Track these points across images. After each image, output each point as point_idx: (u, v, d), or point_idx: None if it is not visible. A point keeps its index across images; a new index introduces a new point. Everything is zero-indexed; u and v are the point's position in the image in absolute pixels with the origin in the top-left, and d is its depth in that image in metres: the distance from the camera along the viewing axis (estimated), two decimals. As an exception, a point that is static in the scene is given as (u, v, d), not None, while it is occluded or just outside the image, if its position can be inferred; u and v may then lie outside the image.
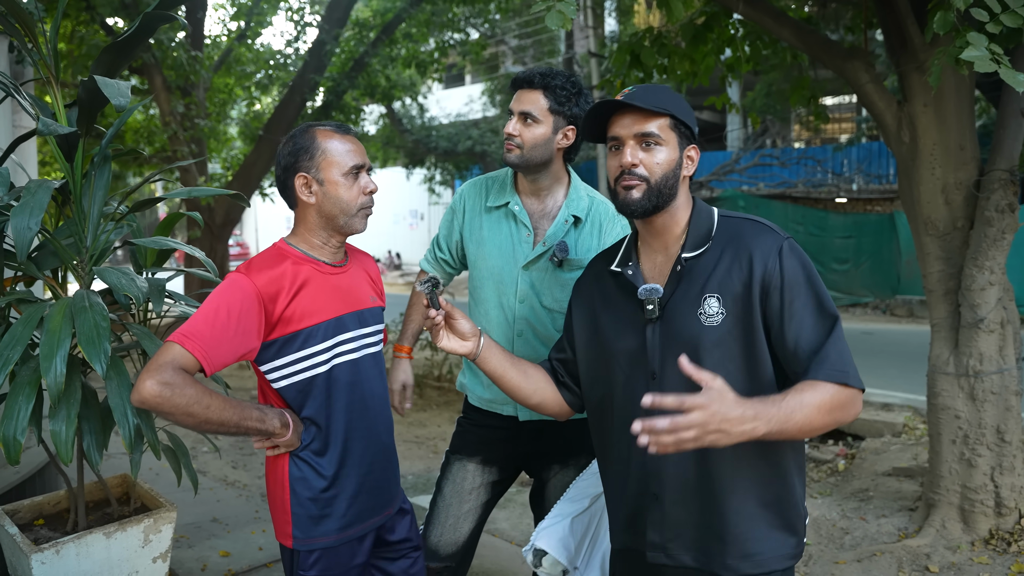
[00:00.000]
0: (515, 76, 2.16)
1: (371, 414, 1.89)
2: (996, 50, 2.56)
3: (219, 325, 1.61)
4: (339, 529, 1.82)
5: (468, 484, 2.30)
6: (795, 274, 1.52)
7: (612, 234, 2.23)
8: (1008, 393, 3.58)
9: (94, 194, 2.12)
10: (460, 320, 1.70)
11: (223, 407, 1.60)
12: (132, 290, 1.91)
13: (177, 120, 9.49)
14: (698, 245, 1.59)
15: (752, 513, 1.55)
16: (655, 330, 1.59)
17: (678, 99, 1.60)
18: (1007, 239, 3.48)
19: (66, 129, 1.78)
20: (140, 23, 1.85)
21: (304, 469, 1.79)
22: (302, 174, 1.77)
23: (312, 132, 1.80)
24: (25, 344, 1.86)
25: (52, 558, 2.14)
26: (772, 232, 1.56)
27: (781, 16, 3.89)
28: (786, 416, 1.37)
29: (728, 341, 1.53)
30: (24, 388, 1.90)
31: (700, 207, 1.64)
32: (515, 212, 2.22)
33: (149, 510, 2.52)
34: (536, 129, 2.10)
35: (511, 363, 1.76)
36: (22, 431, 1.86)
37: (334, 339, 1.80)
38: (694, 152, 1.62)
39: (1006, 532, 3.56)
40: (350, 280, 1.89)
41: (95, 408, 2.13)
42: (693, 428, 1.28)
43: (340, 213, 1.78)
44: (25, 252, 1.70)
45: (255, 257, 1.78)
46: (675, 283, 1.59)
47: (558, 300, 2.21)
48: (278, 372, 1.76)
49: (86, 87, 1.80)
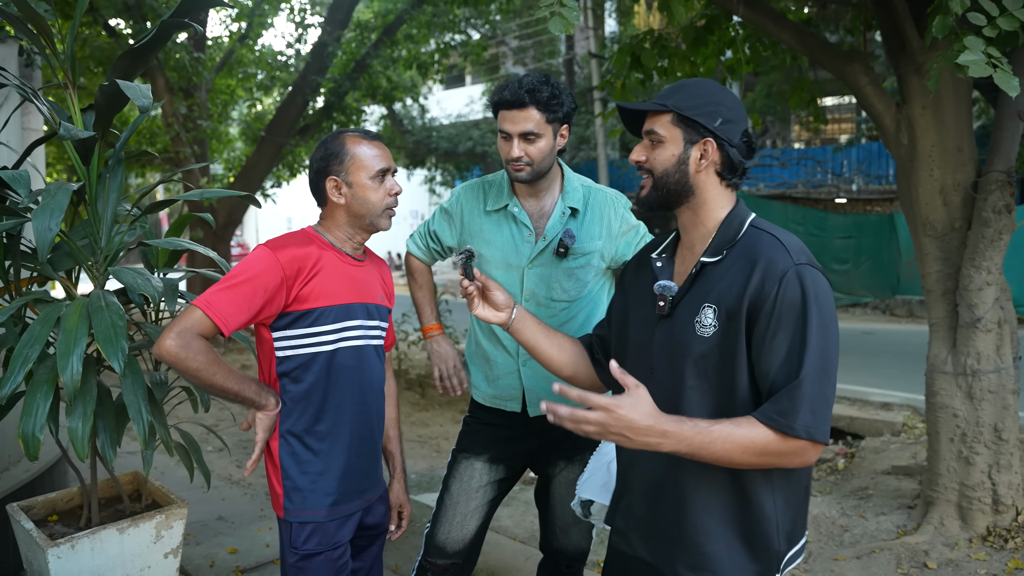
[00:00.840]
0: (498, 97, 2.15)
1: (366, 400, 1.98)
2: (993, 53, 2.60)
3: (240, 292, 1.74)
4: (329, 506, 1.92)
5: (475, 482, 2.34)
6: (790, 305, 1.43)
7: (618, 215, 2.29)
8: (1005, 392, 3.62)
9: (108, 196, 2.16)
10: (495, 291, 1.78)
11: (228, 376, 1.76)
12: (148, 289, 1.95)
13: (179, 121, 9.54)
14: (718, 251, 1.56)
15: (711, 528, 1.53)
16: (662, 328, 1.60)
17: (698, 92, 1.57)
18: (1004, 240, 3.53)
19: (86, 133, 1.83)
20: (157, 30, 1.89)
21: (294, 443, 1.90)
22: (332, 177, 1.90)
23: (342, 138, 1.92)
24: (43, 343, 1.90)
25: (67, 552, 2.18)
26: (786, 254, 1.47)
27: (781, 19, 3.94)
28: (701, 444, 1.37)
29: (714, 355, 1.50)
30: (42, 386, 1.94)
31: (736, 213, 1.59)
32: (515, 214, 2.27)
33: (160, 507, 2.56)
34: (540, 143, 2.14)
35: (545, 335, 1.82)
36: (40, 428, 1.91)
37: (343, 323, 1.91)
38: (709, 146, 1.55)
39: (1003, 529, 3.60)
40: (365, 274, 2.00)
41: (109, 406, 2.18)
42: (591, 424, 1.34)
43: (367, 213, 1.92)
44: (46, 252, 1.75)
45: (284, 235, 1.91)
46: (689, 285, 1.58)
47: (567, 289, 2.26)
48: (286, 341, 1.87)
49: (104, 91, 1.85)
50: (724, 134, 1.55)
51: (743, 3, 3.85)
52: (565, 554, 2.46)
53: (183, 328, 1.68)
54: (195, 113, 9.79)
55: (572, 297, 2.28)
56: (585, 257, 2.26)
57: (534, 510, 3.98)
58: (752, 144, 1.61)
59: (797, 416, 1.38)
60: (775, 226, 1.57)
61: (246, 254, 1.94)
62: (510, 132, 2.12)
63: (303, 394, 1.89)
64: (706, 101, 1.56)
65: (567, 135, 2.21)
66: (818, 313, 1.43)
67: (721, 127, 1.55)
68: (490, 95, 2.22)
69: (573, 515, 2.39)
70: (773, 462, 1.43)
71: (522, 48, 18.61)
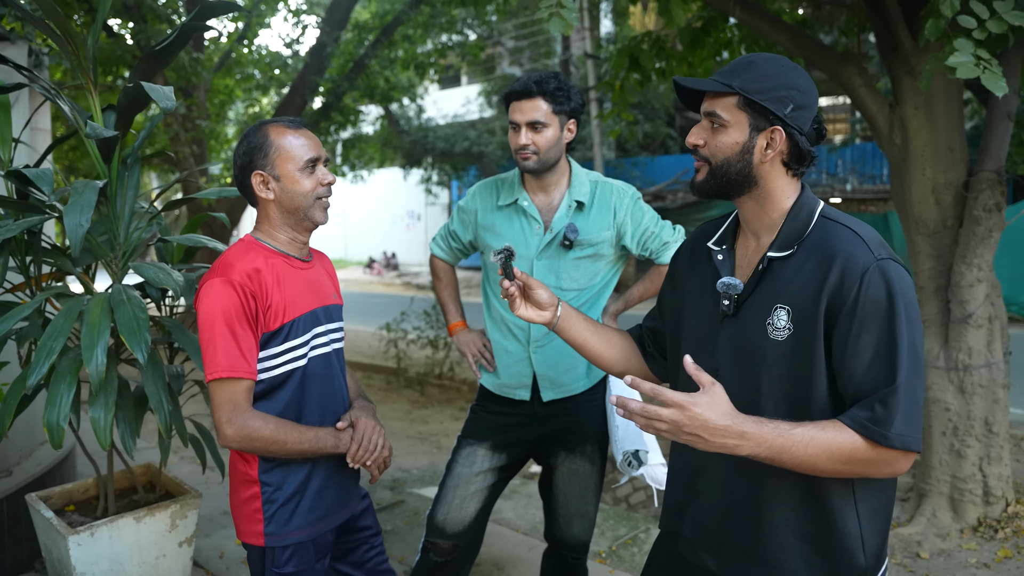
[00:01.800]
0: (508, 89, 2.26)
1: (339, 408, 1.94)
2: (983, 55, 2.68)
3: (235, 336, 1.70)
4: (312, 522, 1.85)
5: (477, 466, 2.41)
6: (875, 304, 1.32)
7: (624, 206, 2.36)
8: (996, 386, 3.71)
9: (127, 193, 2.23)
10: (538, 289, 1.68)
11: (299, 439, 1.76)
12: (170, 283, 2.02)
13: (179, 121, 9.57)
14: (787, 245, 1.43)
15: (787, 542, 1.42)
16: (726, 328, 1.49)
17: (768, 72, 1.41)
18: (994, 237, 3.61)
19: (111, 133, 1.90)
20: (178, 33, 1.96)
21: (276, 465, 1.82)
22: (258, 172, 1.80)
23: (264, 130, 1.82)
24: (66, 336, 1.97)
25: (87, 540, 2.25)
26: (866, 248, 1.36)
27: (776, 21, 4.01)
28: (783, 448, 1.27)
29: (790, 359, 1.39)
30: (65, 377, 2.01)
31: (804, 201, 1.46)
32: (524, 207, 2.36)
33: (173, 497, 2.62)
34: (546, 132, 2.24)
35: (592, 331, 1.73)
36: (64, 417, 1.97)
37: (312, 332, 1.85)
38: (777, 135, 1.40)
39: (993, 520, 3.69)
40: (315, 275, 1.93)
41: (128, 397, 2.24)
42: (664, 422, 1.25)
43: (299, 206, 1.82)
44: (79, 248, 1.81)
45: (225, 255, 1.81)
46: (755, 282, 1.46)
47: (575, 279, 2.34)
48: (261, 363, 1.78)
49: (128, 92, 1.92)
50: (795, 122, 1.41)
51: (739, 5, 3.92)
52: (567, 544, 2.52)
53: (225, 413, 1.69)
54: (194, 113, 9.82)
55: (582, 286, 2.36)
56: (593, 248, 2.34)
57: (536, 503, 4.05)
58: (823, 130, 1.47)
59: (891, 424, 1.28)
60: (848, 216, 1.44)
61: None
62: (518, 121, 2.23)
63: (279, 412, 1.81)
64: (777, 84, 1.40)
65: (575, 130, 2.30)
66: (905, 311, 1.33)
67: (792, 114, 1.40)
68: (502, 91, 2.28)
69: (575, 507, 2.46)
70: (860, 471, 1.33)
71: (518, 49, 18.68)
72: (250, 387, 1.73)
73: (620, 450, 2.25)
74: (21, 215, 2.16)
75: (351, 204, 25.40)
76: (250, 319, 1.72)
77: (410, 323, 8.73)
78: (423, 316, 8.55)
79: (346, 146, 13.56)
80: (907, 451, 1.30)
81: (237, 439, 1.70)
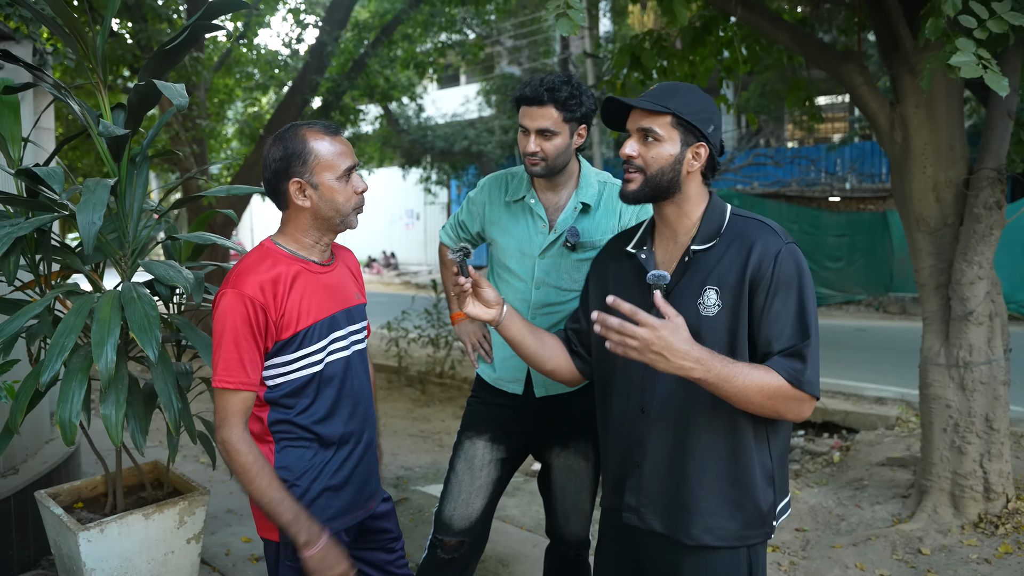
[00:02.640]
0: (519, 93, 2.24)
1: (358, 410, 1.93)
2: (984, 55, 2.70)
3: (238, 348, 1.70)
4: (326, 520, 1.84)
5: (479, 460, 2.42)
6: (786, 278, 1.62)
7: (630, 210, 2.37)
8: (996, 383, 3.73)
9: (135, 191, 2.24)
10: (486, 289, 1.85)
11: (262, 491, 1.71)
12: (180, 280, 2.03)
13: (179, 121, 9.58)
14: (708, 239, 1.70)
15: (720, 491, 1.68)
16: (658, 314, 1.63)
17: (693, 98, 1.70)
18: (995, 235, 3.63)
19: (123, 131, 1.91)
20: (188, 32, 1.97)
21: (291, 461, 1.82)
22: (296, 179, 1.75)
23: (302, 135, 1.76)
24: (78, 333, 1.98)
25: (97, 536, 2.27)
26: (775, 235, 1.67)
27: (778, 20, 4.03)
28: (727, 376, 1.53)
29: (720, 331, 1.65)
30: (76, 374, 2.02)
31: (715, 203, 1.76)
32: (531, 206, 2.37)
33: (181, 494, 2.64)
34: (555, 140, 2.22)
35: (529, 331, 1.91)
36: (76, 414, 1.99)
37: (329, 337, 1.84)
38: (702, 149, 1.70)
39: (994, 516, 3.71)
40: (337, 277, 1.91)
41: (138, 395, 2.26)
42: (637, 339, 1.48)
43: (336, 214, 1.80)
44: (91, 245, 1.82)
45: (242, 262, 1.79)
46: (681, 272, 1.71)
47: (576, 281, 2.35)
48: (274, 371, 1.79)
49: (139, 91, 1.93)
50: (713, 139, 1.72)
51: (740, 4, 3.94)
52: (566, 541, 2.54)
53: (226, 419, 1.71)
54: (194, 112, 9.83)
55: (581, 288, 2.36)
56: (596, 250, 2.32)
57: (539, 500, 4.06)
58: (724, 146, 1.79)
59: (806, 372, 1.58)
60: (752, 213, 1.75)
61: (244, 253, 1.91)
62: (528, 127, 2.22)
63: (298, 411, 1.82)
64: (702, 108, 1.70)
65: (585, 135, 2.29)
66: (809, 285, 1.64)
67: (712, 133, 1.71)
68: (513, 91, 2.28)
69: (572, 503, 2.47)
70: (779, 408, 1.59)
71: (517, 48, 18.68)
72: (247, 398, 1.74)
73: None
74: (32, 213, 2.18)
75: (350, 204, 25.34)
76: (257, 333, 1.72)
77: (411, 322, 8.75)
78: (424, 315, 8.57)
79: (346, 145, 13.53)
80: (813, 396, 1.60)
81: (222, 446, 1.73)
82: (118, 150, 2.08)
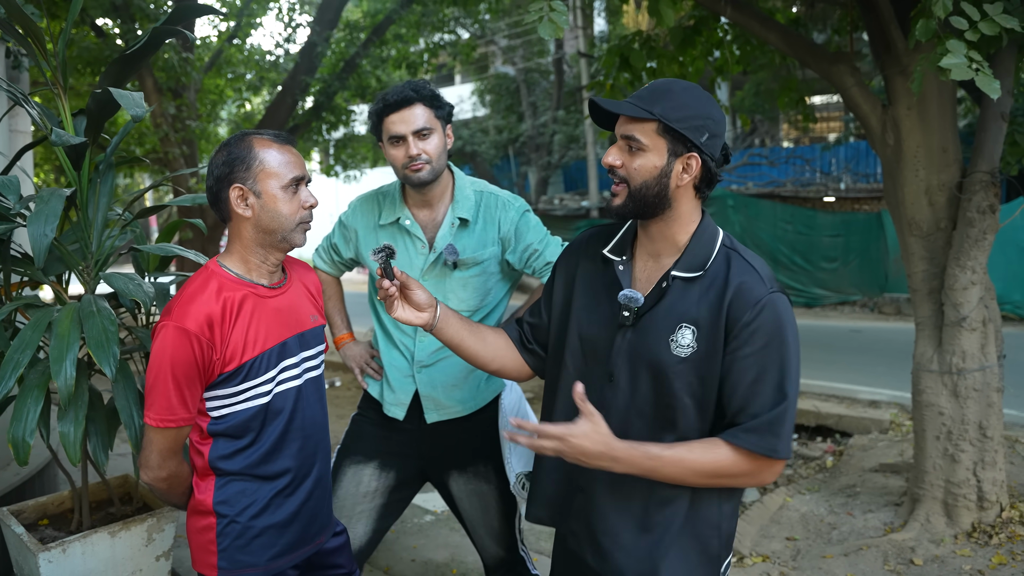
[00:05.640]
0: (381, 104, 2.13)
1: (310, 441, 1.84)
2: (975, 56, 2.64)
3: (178, 386, 1.63)
4: (269, 559, 1.77)
5: (364, 487, 2.31)
6: (766, 331, 1.46)
7: (508, 219, 2.25)
8: (990, 390, 3.67)
9: (99, 200, 2.17)
10: (416, 290, 1.68)
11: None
12: (139, 295, 1.96)
13: (168, 122, 9.50)
14: (691, 269, 1.54)
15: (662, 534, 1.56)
16: (625, 337, 1.57)
17: (687, 101, 1.50)
18: (988, 239, 3.57)
19: (77, 139, 1.83)
20: (149, 37, 1.90)
21: (233, 497, 1.74)
22: (237, 185, 1.67)
23: (248, 141, 1.69)
24: (34, 348, 1.91)
25: (59, 557, 2.19)
26: (761, 282, 1.50)
27: (768, 20, 3.97)
28: (652, 468, 1.45)
29: (691, 374, 1.50)
30: (32, 391, 1.95)
31: (706, 228, 1.57)
32: (407, 227, 2.25)
33: (151, 509, 2.57)
34: (434, 139, 2.13)
35: (468, 331, 1.75)
36: (31, 433, 1.91)
37: (278, 367, 1.75)
38: (694, 161, 1.50)
39: (988, 525, 3.65)
40: (290, 300, 1.81)
41: (100, 410, 2.18)
42: (548, 451, 1.45)
43: (279, 228, 1.69)
44: (43, 259, 1.75)
45: (185, 289, 1.70)
46: (656, 298, 1.55)
47: (464, 300, 2.24)
48: (218, 402, 1.71)
49: (96, 98, 1.85)
50: (709, 149, 1.50)
51: (730, 5, 3.88)
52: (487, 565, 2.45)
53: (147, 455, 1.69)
54: (184, 113, 9.75)
55: (472, 307, 2.25)
56: (479, 267, 2.24)
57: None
58: (728, 155, 1.58)
59: (780, 440, 1.46)
60: (744, 248, 1.58)
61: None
62: (403, 133, 2.10)
63: (241, 447, 1.73)
64: (695, 113, 1.49)
65: (452, 136, 2.21)
66: (793, 341, 1.48)
67: (707, 142, 1.50)
68: (371, 108, 2.16)
69: (482, 525, 2.37)
70: (725, 483, 1.51)
71: (511, 47, 18.63)
72: (184, 432, 1.70)
73: (513, 472, 2.15)
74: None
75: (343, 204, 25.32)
76: (201, 369, 1.64)
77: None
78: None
79: (338, 146, 13.50)
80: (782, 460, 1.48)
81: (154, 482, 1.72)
82: (78, 158, 2.00)
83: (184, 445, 1.78)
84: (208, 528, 1.75)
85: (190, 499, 1.78)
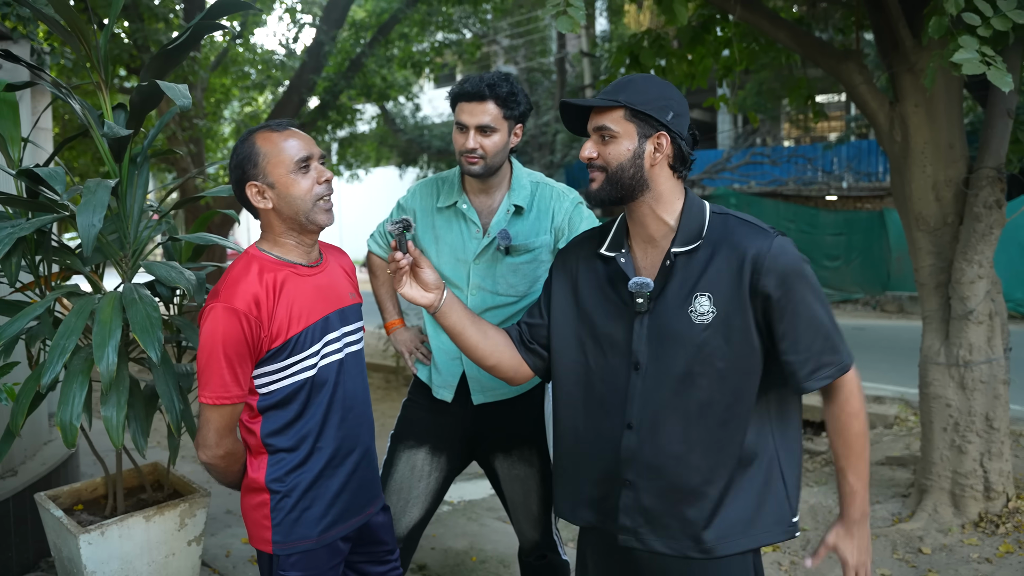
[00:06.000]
0: (458, 89, 2.19)
1: (353, 414, 1.89)
2: (987, 52, 2.70)
3: (231, 364, 1.68)
4: (321, 532, 1.82)
5: (417, 470, 2.36)
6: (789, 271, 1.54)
7: (563, 209, 2.31)
8: (996, 382, 3.73)
9: (136, 192, 2.23)
10: (426, 269, 1.71)
11: None
12: (182, 281, 2.02)
13: (175, 120, 9.56)
14: (689, 241, 1.59)
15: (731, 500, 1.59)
16: (643, 323, 1.61)
17: (647, 87, 1.60)
18: (995, 234, 3.63)
19: (125, 132, 1.90)
20: (190, 32, 1.96)
21: (284, 473, 1.79)
22: (252, 183, 1.73)
23: (251, 138, 1.75)
24: (79, 334, 1.97)
25: (98, 539, 2.25)
26: (763, 232, 1.57)
27: (777, 19, 4.03)
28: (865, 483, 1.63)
29: (717, 339, 1.55)
30: (77, 376, 2.01)
31: (692, 202, 1.64)
32: (464, 211, 2.31)
33: (181, 496, 2.63)
34: (495, 137, 2.17)
35: (471, 321, 1.78)
36: (77, 416, 1.97)
37: (322, 340, 1.80)
38: (663, 140, 1.58)
39: (994, 515, 3.72)
40: (328, 278, 1.87)
41: (139, 396, 2.25)
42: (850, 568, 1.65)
43: (299, 210, 1.74)
44: (91, 248, 1.81)
45: (229, 273, 1.75)
46: (665, 278, 1.60)
47: (513, 285, 2.29)
48: (267, 378, 1.76)
49: (141, 91, 1.92)
50: (676, 127, 1.59)
51: (740, 3, 3.94)
52: (524, 547, 2.49)
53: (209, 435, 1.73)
54: (191, 112, 9.80)
55: (520, 293, 2.30)
56: (531, 253, 2.29)
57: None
58: (696, 136, 1.65)
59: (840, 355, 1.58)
60: (731, 209, 1.66)
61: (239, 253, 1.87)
62: (467, 124, 2.16)
63: (290, 420, 1.79)
64: (657, 95, 1.59)
65: (520, 135, 2.26)
66: (809, 272, 1.57)
67: (673, 121, 1.59)
68: (451, 89, 2.21)
69: (522, 510, 2.42)
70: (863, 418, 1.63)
71: (514, 47, 18.67)
72: (238, 409, 1.75)
73: None
74: (32, 214, 2.16)
75: (347, 203, 25.36)
76: (251, 347, 1.70)
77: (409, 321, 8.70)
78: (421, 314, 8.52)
79: (342, 145, 13.55)
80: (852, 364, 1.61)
81: (212, 460, 1.76)
82: (120, 151, 2.06)
83: None
84: (262, 504, 1.80)
85: (243, 478, 1.84)
